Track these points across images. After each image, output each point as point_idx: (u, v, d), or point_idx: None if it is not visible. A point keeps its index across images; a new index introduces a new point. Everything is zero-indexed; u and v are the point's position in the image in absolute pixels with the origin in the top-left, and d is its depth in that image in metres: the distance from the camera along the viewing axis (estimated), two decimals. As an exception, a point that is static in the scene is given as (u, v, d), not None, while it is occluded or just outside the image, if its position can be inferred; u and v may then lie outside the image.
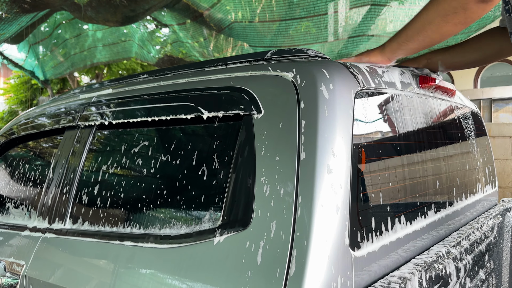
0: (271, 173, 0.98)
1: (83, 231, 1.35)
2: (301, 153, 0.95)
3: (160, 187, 1.22)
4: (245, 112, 1.10)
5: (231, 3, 4.75)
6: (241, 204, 1.00)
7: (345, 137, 0.97)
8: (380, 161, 1.10)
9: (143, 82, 1.52)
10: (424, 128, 1.37)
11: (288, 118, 1.01)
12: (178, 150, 1.23)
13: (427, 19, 1.13)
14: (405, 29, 1.20)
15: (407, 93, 1.31)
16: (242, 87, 1.15)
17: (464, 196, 1.63)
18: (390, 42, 1.24)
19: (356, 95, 1.05)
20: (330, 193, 0.91)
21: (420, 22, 1.15)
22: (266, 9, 4.52)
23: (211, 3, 4.89)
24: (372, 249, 0.99)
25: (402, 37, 1.20)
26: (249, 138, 1.06)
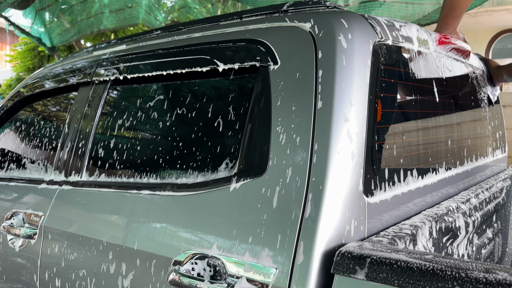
0: (287, 122, 0.99)
1: (100, 183, 1.38)
2: (317, 102, 0.96)
3: (176, 139, 1.24)
4: (261, 64, 1.10)
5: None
6: (257, 153, 1.01)
7: (362, 87, 0.98)
8: (395, 113, 1.11)
9: (157, 37, 1.51)
10: (439, 86, 1.36)
11: (305, 68, 1.01)
12: (194, 102, 1.24)
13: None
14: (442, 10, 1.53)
15: (423, 49, 1.30)
16: (258, 39, 1.15)
17: (474, 158, 1.64)
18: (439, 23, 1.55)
19: (374, 46, 1.05)
20: (346, 141, 0.92)
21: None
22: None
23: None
24: (385, 198, 1.01)
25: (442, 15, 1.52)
26: (265, 89, 1.07)
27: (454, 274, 0.65)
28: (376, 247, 0.80)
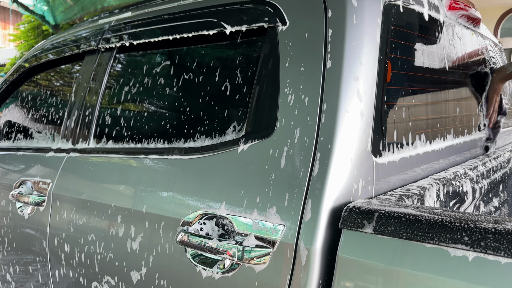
0: (296, 83, 0.98)
1: (107, 149, 1.39)
2: (327, 62, 0.95)
3: (183, 104, 1.24)
4: (269, 25, 1.08)
5: None
6: (264, 114, 1.01)
7: (372, 46, 0.96)
8: (405, 75, 1.09)
9: (163, 3, 1.49)
10: (449, 52, 1.34)
11: (315, 28, 1.00)
12: (201, 66, 1.23)
13: None
14: None
15: (433, 13, 1.27)
16: (266, 0, 1.13)
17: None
18: None
19: (385, 6, 1.03)
20: (356, 100, 0.91)
21: None
22: None
23: None
24: (393, 159, 1.01)
25: None
26: (273, 50, 1.06)
27: (463, 225, 0.65)
28: (384, 204, 0.80)
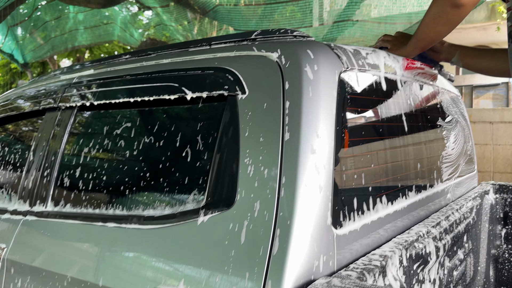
0: (255, 154, 0.98)
1: (65, 213, 1.34)
2: (285, 134, 0.95)
3: (143, 169, 1.21)
4: (229, 93, 1.09)
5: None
6: (225, 185, 1.00)
7: (328, 118, 0.98)
8: (362, 142, 1.11)
9: (126, 62, 1.49)
10: (406, 111, 1.38)
11: (273, 99, 1.01)
12: (162, 131, 1.22)
13: (425, 23, 1.39)
14: (416, 33, 1.46)
15: (390, 75, 1.31)
16: (227, 68, 1.14)
17: (444, 179, 1.66)
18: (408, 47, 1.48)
19: (340, 76, 1.05)
20: (314, 173, 0.91)
21: (422, 26, 1.41)
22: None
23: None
24: (354, 228, 1.00)
25: (414, 39, 1.46)
26: (233, 119, 1.06)
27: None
28: (345, 284, 0.79)
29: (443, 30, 1.37)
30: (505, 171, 4.07)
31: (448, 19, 1.31)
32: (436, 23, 1.34)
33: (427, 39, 1.42)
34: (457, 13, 1.29)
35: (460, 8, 1.27)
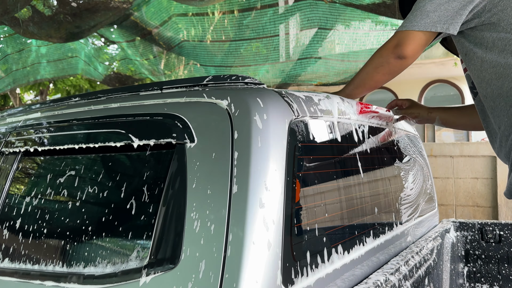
0: (202, 208, 0.92)
1: (1, 269, 1.22)
2: (233, 187, 0.91)
3: (85, 221, 1.13)
4: (177, 141, 1.05)
5: (183, 21, 4.70)
6: (169, 242, 0.93)
7: (278, 169, 0.94)
8: (315, 191, 1.08)
9: (74, 106, 1.43)
10: (362, 154, 1.37)
11: (221, 149, 0.97)
12: (106, 181, 1.15)
13: (366, 71, 1.43)
14: (353, 79, 1.48)
15: (344, 120, 1.31)
16: (176, 114, 1.10)
17: (403, 220, 1.65)
18: (345, 88, 1.49)
19: (291, 124, 1.03)
20: (262, 229, 0.87)
21: (361, 73, 1.45)
22: (216, 29, 4.52)
23: (160, 21, 4.82)
24: (307, 284, 0.95)
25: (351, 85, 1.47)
26: (181, 169, 1.01)
27: None
28: None
29: (382, 79, 1.41)
30: (466, 204, 4.16)
31: (389, 69, 1.36)
32: (377, 72, 1.38)
33: (365, 86, 1.45)
34: (399, 64, 1.34)
35: (402, 60, 1.33)
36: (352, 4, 3.43)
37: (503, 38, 1.27)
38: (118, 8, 4.58)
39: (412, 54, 1.32)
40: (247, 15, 4.24)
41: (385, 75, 1.39)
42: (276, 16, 4.03)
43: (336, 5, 3.58)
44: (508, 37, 1.25)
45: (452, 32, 1.30)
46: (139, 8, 4.74)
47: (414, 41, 1.31)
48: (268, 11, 4.07)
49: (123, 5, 4.52)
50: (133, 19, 4.72)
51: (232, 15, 4.32)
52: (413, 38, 1.31)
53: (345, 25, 3.85)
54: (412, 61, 1.35)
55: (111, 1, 4.42)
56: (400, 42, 1.33)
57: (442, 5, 1.29)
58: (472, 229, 2.19)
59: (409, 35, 1.32)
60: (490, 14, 1.27)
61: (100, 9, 4.50)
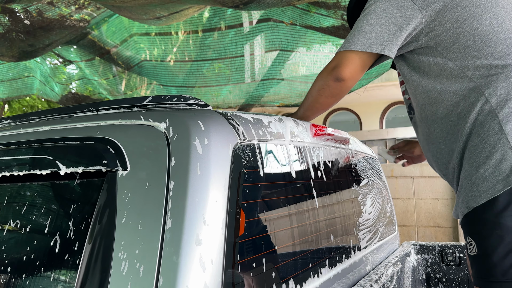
0: (132, 246, 0.81)
1: None
2: (167, 221, 0.80)
3: (3, 259, 0.99)
4: (108, 169, 0.93)
5: (145, 41, 4.60)
6: (94, 285, 0.81)
7: (219, 200, 0.85)
8: (263, 221, 0.99)
9: (4, 128, 1.29)
10: (316, 179, 1.30)
11: (156, 178, 0.87)
12: (29, 214, 1.02)
13: (311, 94, 1.41)
14: (303, 102, 1.46)
15: (297, 143, 1.24)
16: (109, 138, 0.99)
17: (362, 246, 1.58)
18: (298, 111, 1.47)
19: (236, 150, 0.94)
20: (198, 271, 0.76)
21: (308, 97, 1.43)
22: (178, 49, 4.43)
23: (120, 40, 4.70)
24: (253, 330, 0.85)
25: (302, 108, 1.45)
26: (110, 200, 0.89)
27: None
28: None
29: (327, 102, 1.38)
30: (428, 224, 4.19)
31: (330, 92, 1.33)
32: (320, 94, 1.36)
33: (313, 109, 1.42)
34: (339, 86, 1.31)
35: (341, 82, 1.30)
36: (312, 27, 3.44)
37: (439, 63, 1.23)
38: (75, 27, 4.42)
39: (350, 76, 1.28)
40: (209, 35, 4.18)
41: (328, 98, 1.36)
42: (237, 37, 4.00)
43: (296, 27, 3.59)
44: (444, 62, 1.22)
45: (387, 54, 1.26)
46: (98, 27, 4.61)
47: (351, 62, 1.27)
48: (230, 32, 4.04)
49: (80, 24, 4.38)
50: (91, 38, 4.57)
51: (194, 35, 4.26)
52: (351, 59, 1.27)
53: (306, 47, 3.87)
54: (352, 83, 1.31)
55: (66, 20, 4.27)
56: (338, 64, 1.30)
57: (379, 26, 1.25)
58: (432, 252, 2.15)
59: (346, 56, 1.28)
60: (428, 38, 1.24)
61: (55, 28, 4.33)
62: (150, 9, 2.93)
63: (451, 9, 1.20)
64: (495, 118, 1.10)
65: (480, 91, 1.14)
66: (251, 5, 2.55)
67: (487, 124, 1.12)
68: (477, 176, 1.11)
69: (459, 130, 1.19)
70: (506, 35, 1.16)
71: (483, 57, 1.16)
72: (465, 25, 1.18)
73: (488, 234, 1.08)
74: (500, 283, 1.06)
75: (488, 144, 1.11)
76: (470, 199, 1.13)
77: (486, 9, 1.18)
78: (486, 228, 1.09)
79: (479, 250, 1.11)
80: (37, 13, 4.25)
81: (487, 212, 1.09)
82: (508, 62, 1.14)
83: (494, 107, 1.11)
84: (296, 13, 3.44)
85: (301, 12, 3.40)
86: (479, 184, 1.11)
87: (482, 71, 1.15)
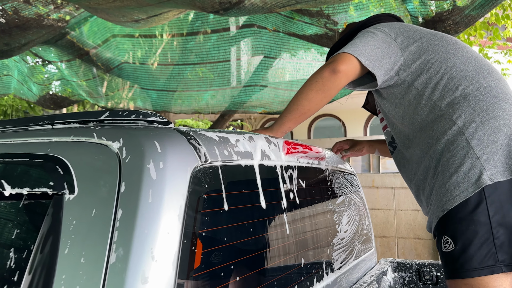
0: (73, 281, 0.73)
1: None
2: (111, 256, 0.73)
3: None
4: (54, 191, 0.85)
5: (128, 42, 4.49)
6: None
7: (172, 231, 0.77)
8: (225, 251, 0.92)
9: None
10: (288, 200, 1.24)
11: (103, 205, 0.79)
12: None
13: (300, 92, 1.44)
14: (284, 111, 1.46)
15: (268, 162, 1.17)
16: (59, 157, 0.91)
17: (336, 267, 1.52)
18: (276, 123, 1.46)
19: (195, 173, 0.87)
20: (142, 312, 0.69)
21: (295, 97, 1.45)
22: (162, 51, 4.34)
23: (101, 41, 4.58)
24: None
25: (283, 118, 1.45)
26: (54, 228, 0.81)
27: None
28: None
29: (316, 98, 1.42)
30: (408, 236, 4.16)
31: (323, 84, 1.40)
32: (311, 89, 1.41)
33: (298, 109, 1.44)
34: (332, 78, 1.39)
35: (336, 74, 1.39)
36: (295, 34, 3.39)
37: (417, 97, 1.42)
38: (53, 27, 4.29)
39: (344, 71, 1.39)
40: (191, 39, 4.10)
41: (318, 93, 1.41)
42: (220, 42, 3.93)
43: (279, 34, 3.54)
44: (421, 96, 1.41)
45: (374, 72, 1.41)
46: (78, 26, 4.48)
47: (349, 61, 1.40)
48: (213, 36, 3.96)
49: (58, 23, 4.25)
50: (70, 38, 4.44)
51: (179, 38, 4.17)
52: (349, 59, 1.40)
53: (290, 54, 3.81)
54: (344, 81, 1.41)
55: (44, 19, 4.14)
56: (335, 59, 1.42)
57: (379, 49, 1.43)
58: (410, 270, 2.11)
59: (345, 55, 1.41)
60: (406, 74, 1.44)
61: (31, 27, 4.20)
62: (128, 12, 2.84)
63: (424, 52, 1.44)
64: (462, 135, 1.30)
65: (448, 116, 1.34)
66: (231, 11, 2.49)
67: (456, 141, 1.31)
68: (450, 183, 1.29)
69: (433, 149, 1.37)
70: (465, 73, 1.38)
71: (450, 90, 1.37)
72: (434, 66, 1.41)
73: (464, 230, 1.24)
74: (478, 270, 1.21)
75: (458, 156, 1.29)
76: (445, 203, 1.28)
77: (450, 54, 1.42)
78: (462, 225, 1.24)
79: (456, 245, 1.25)
80: (13, 12, 4.11)
81: (462, 211, 1.25)
82: (467, 92, 1.35)
83: (460, 127, 1.31)
84: (279, 20, 3.39)
85: (284, 19, 3.35)
86: (452, 190, 1.27)
87: (448, 101, 1.36)
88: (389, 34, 1.47)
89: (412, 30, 1.52)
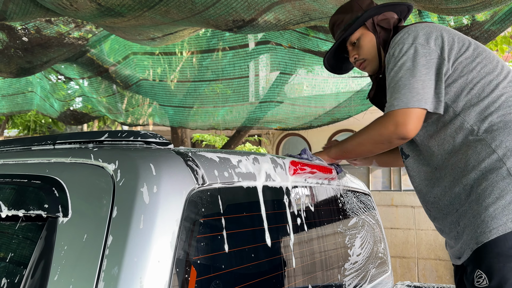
0: (59, 309, 0.70)
1: None
2: (99, 285, 0.70)
3: None
4: (49, 214, 0.83)
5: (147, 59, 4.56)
6: None
7: (163, 259, 0.74)
8: (223, 278, 0.87)
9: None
10: (295, 223, 1.19)
11: (95, 230, 0.76)
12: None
13: (361, 142, 1.46)
14: (345, 144, 1.52)
15: (272, 183, 1.13)
16: (56, 178, 0.89)
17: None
18: (335, 149, 1.53)
19: (191, 196, 0.84)
20: None
21: (355, 142, 1.49)
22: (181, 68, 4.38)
23: (121, 58, 4.66)
24: None
25: (342, 149, 1.52)
26: (46, 252, 0.79)
27: None
28: None
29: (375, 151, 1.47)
30: (428, 257, 4.01)
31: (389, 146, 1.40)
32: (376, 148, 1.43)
33: (356, 154, 1.53)
34: (401, 143, 1.39)
35: (405, 140, 1.36)
36: (310, 51, 3.37)
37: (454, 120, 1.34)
38: (73, 45, 4.40)
39: (414, 133, 1.33)
40: (207, 56, 4.13)
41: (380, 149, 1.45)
42: (235, 59, 3.94)
43: (295, 51, 3.52)
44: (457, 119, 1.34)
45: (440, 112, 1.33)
46: (99, 43, 4.58)
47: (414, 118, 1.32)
48: (228, 54, 3.98)
49: (78, 42, 4.35)
50: (90, 56, 4.54)
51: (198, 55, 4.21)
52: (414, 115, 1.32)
53: (306, 70, 3.79)
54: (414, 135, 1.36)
55: (65, 37, 4.25)
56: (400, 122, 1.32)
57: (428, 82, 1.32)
58: (428, 295, 2.01)
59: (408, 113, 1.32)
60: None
61: (53, 45, 4.31)
62: (144, 30, 2.87)
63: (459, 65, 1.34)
64: (503, 165, 1.24)
65: (486, 143, 1.28)
66: (244, 29, 2.48)
67: (496, 170, 1.24)
68: (486, 215, 1.22)
69: (466, 176, 1.30)
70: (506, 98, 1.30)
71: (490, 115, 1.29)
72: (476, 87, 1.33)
73: (501, 266, 1.18)
74: None
75: (497, 187, 1.23)
76: (479, 235, 1.22)
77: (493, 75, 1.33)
78: (499, 261, 1.18)
79: (491, 281, 1.19)
80: (35, 30, 4.24)
81: (499, 246, 1.19)
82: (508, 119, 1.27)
83: (501, 157, 1.25)
84: (294, 37, 3.37)
85: (300, 36, 3.33)
86: (488, 222, 1.21)
87: (486, 126, 1.29)
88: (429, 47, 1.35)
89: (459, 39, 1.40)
